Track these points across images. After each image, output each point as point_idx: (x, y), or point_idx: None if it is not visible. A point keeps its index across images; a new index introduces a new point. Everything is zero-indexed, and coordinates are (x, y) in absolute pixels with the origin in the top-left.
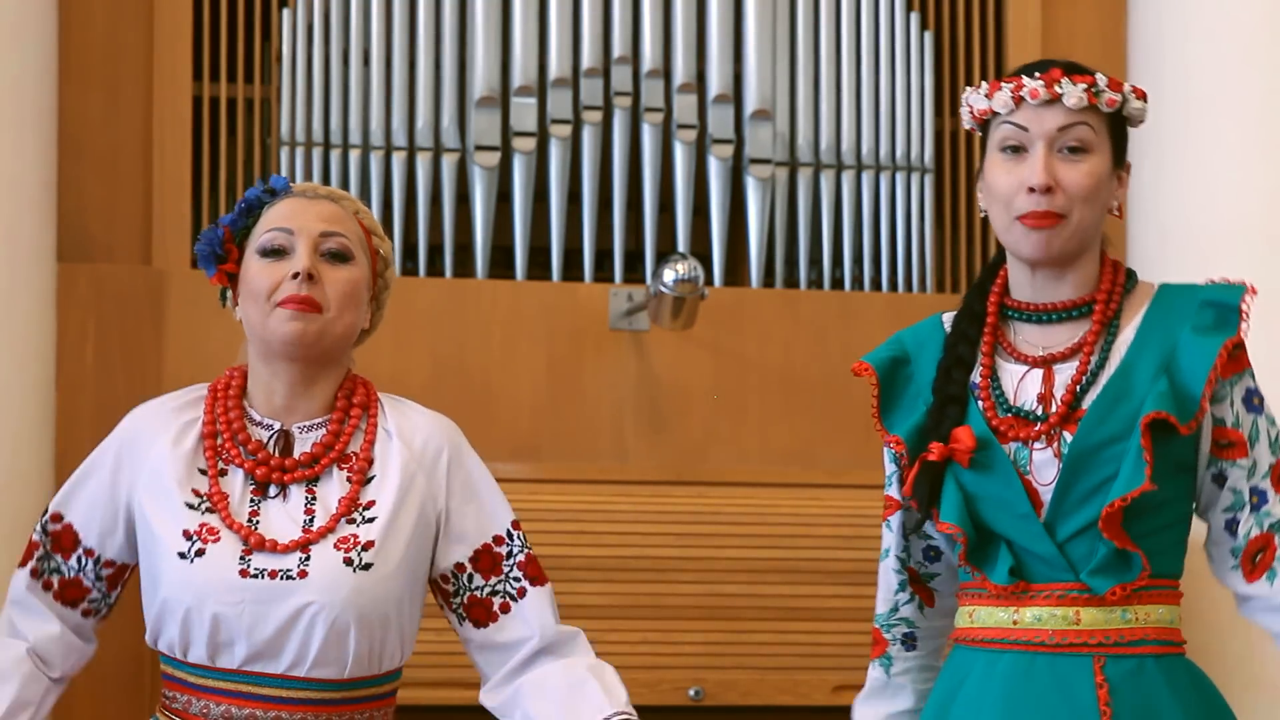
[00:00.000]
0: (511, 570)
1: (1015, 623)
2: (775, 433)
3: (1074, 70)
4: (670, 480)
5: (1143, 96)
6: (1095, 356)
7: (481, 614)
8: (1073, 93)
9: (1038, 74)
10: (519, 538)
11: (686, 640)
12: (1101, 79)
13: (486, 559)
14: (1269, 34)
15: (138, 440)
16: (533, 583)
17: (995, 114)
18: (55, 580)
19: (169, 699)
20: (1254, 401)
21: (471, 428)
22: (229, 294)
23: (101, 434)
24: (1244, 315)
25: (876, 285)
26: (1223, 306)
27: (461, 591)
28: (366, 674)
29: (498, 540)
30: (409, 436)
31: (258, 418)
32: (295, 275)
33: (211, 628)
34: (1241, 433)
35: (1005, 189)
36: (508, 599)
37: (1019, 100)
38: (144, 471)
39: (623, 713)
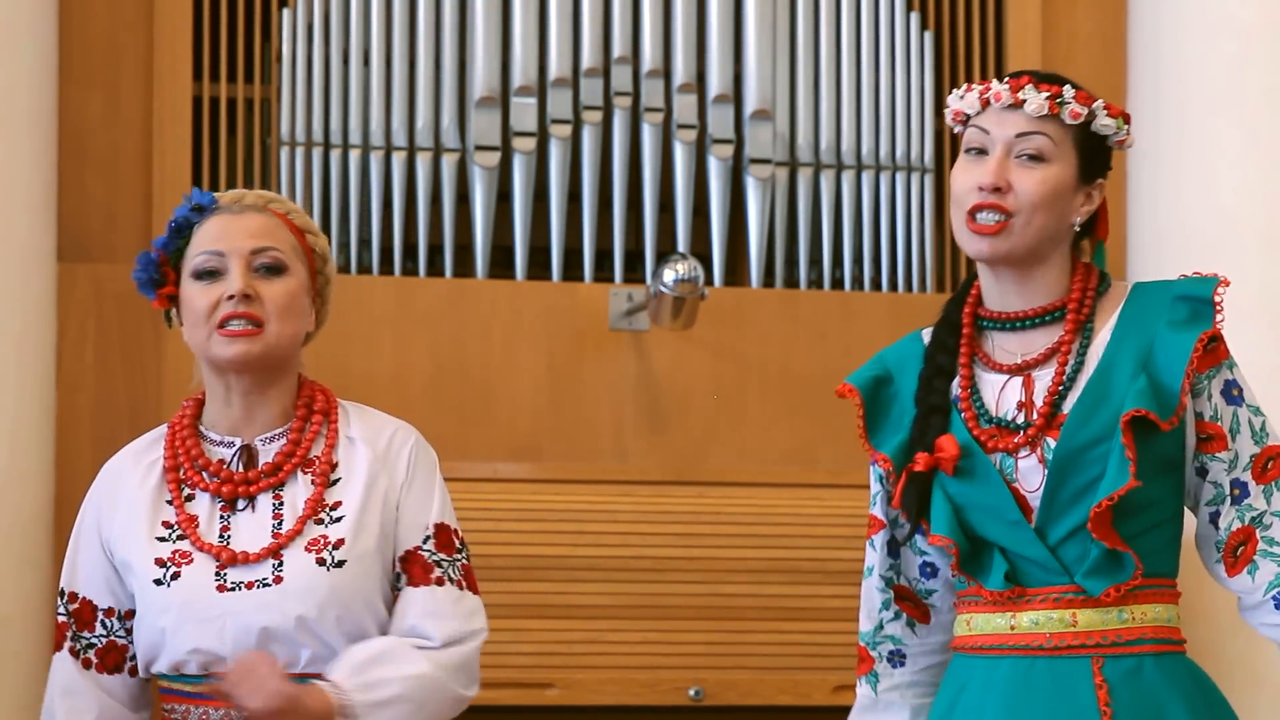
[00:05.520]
0: (457, 560)
1: (1013, 628)
2: (775, 433)
3: (1047, 79)
4: (670, 480)
5: (1119, 115)
6: (1071, 360)
7: (419, 572)
8: (1035, 100)
9: (1009, 79)
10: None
11: (686, 640)
12: (1069, 91)
13: (445, 536)
14: (1268, 34)
15: (107, 492)
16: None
17: (967, 116)
18: (92, 654)
19: (167, 710)
20: (1234, 393)
21: (471, 428)
22: (173, 315)
23: (101, 434)
24: (1218, 308)
25: (876, 285)
26: (1196, 300)
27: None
28: None
29: (455, 533)
30: (373, 439)
31: (218, 438)
32: (231, 297)
33: (196, 648)
34: (1221, 425)
35: (960, 189)
36: (445, 578)
37: (985, 103)
38: (117, 519)
39: (344, 698)
